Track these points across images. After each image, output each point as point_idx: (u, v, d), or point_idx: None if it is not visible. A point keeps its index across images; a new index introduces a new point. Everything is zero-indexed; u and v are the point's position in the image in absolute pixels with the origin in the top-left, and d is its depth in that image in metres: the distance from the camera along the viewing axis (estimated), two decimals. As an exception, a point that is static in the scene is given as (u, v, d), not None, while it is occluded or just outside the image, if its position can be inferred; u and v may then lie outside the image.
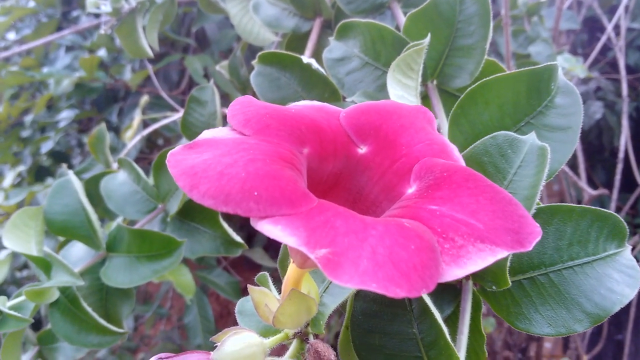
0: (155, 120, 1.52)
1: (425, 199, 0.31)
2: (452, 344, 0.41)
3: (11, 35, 2.50)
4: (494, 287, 0.47)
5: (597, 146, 2.06)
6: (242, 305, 0.46)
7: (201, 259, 1.94)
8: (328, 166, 0.35)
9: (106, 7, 0.91)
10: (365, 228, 0.27)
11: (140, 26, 0.94)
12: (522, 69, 0.51)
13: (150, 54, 0.97)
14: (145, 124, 1.61)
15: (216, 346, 0.38)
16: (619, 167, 1.65)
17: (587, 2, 1.86)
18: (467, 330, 0.46)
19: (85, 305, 0.68)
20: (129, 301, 0.75)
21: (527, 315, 0.47)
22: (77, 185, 0.74)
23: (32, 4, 2.25)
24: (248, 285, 0.39)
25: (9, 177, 1.90)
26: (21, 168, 1.96)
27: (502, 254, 0.29)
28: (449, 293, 0.49)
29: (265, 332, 0.43)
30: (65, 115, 1.86)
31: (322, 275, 0.43)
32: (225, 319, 2.61)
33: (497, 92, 0.51)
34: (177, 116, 1.24)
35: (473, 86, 0.51)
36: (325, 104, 0.38)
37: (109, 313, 0.76)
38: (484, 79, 0.51)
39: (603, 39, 1.70)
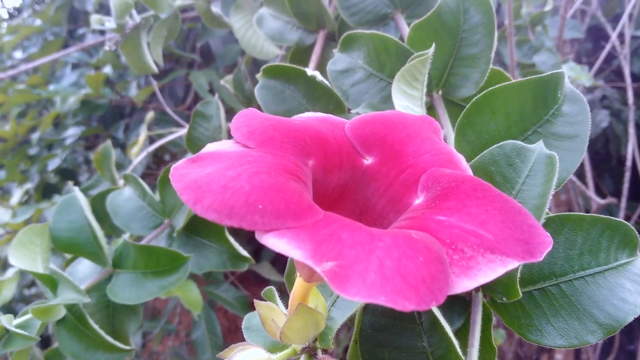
0: (161, 136, 1.52)
1: (433, 209, 0.30)
2: (463, 358, 0.40)
3: (18, 54, 2.52)
4: (504, 299, 0.46)
5: (604, 155, 2.05)
6: (249, 321, 0.45)
7: (208, 274, 1.93)
8: (333, 178, 0.34)
9: (110, 24, 0.92)
10: (372, 240, 0.26)
11: (145, 42, 0.94)
12: (528, 77, 0.50)
13: (155, 69, 0.97)
14: (151, 140, 1.61)
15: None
16: (627, 175, 1.64)
17: (591, 11, 1.86)
18: (478, 343, 0.45)
19: (92, 322, 0.68)
20: (135, 318, 0.75)
21: (539, 326, 0.46)
22: (83, 201, 0.74)
23: (38, 23, 2.27)
24: (255, 300, 0.39)
25: (17, 195, 1.91)
26: (28, 185, 1.97)
27: (512, 264, 0.28)
28: (458, 305, 0.49)
29: (273, 348, 0.43)
30: (72, 133, 1.87)
31: (329, 289, 0.42)
32: (234, 334, 2.60)
33: (504, 101, 0.51)
34: (183, 131, 1.24)
35: (479, 95, 0.51)
36: (330, 115, 0.38)
37: (115, 330, 0.75)
38: (490, 88, 0.50)
39: (607, 47, 1.70)
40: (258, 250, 2.38)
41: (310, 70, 0.62)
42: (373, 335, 0.45)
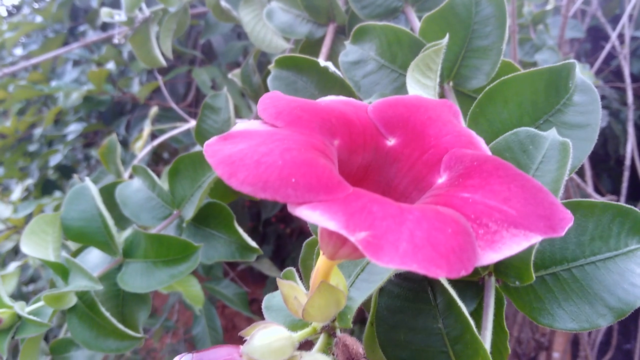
0: (162, 132, 1.53)
1: (456, 187, 0.31)
2: (479, 337, 0.41)
3: (18, 51, 2.52)
4: (517, 283, 0.47)
5: (602, 155, 2.06)
6: (269, 301, 0.46)
7: (209, 271, 1.94)
8: (357, 158, 0.35)
9: (120, 17, 0.92)
10: (402, 213, 0.27)
11: (154, 36, 0.95)
12: (540, 67, 0.51)
13: (164, 63, 0.97)
14: (152, 136, 1.62)
15: (245, 340, 0.38)
16: (626, 174, 1.66)
17: (591, 11, 1.87)
18: (491, 325, 0.46)
19: (103, 310, 0.69)
20: (145, 306, 0.75)
21: (550, 310, 0.47)
22: (94, 191, 0.75)
23: (39, 20, 2.28)
24: (277, 279, 0.39)
25: (17, 191, 1.91)
26: (29, 181, 1.97)
27: (535, 238, 0.29)
28: (471, 290, 0.50)
29: (293, 327, 0.43)
30: (74, 129, 1.87)
31: (348, 270, 0.43)
32: (231, 332, 2.61)
33: (516, 90, 0.52)
34: (187, 126, 1.25)
35: (492, 85, 0.52)
36: (352, 98, 0.39)
37: (125, 319, 0.76)
38: (503, 78, 0.51)
39: (607, 47, 1.71)
40: (261, 243, 2.39)
41: (323, 61, 0.63)
42: (389, 317, 0.45)
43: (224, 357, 0.38)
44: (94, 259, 0.78)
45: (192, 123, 1.22)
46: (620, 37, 1.87)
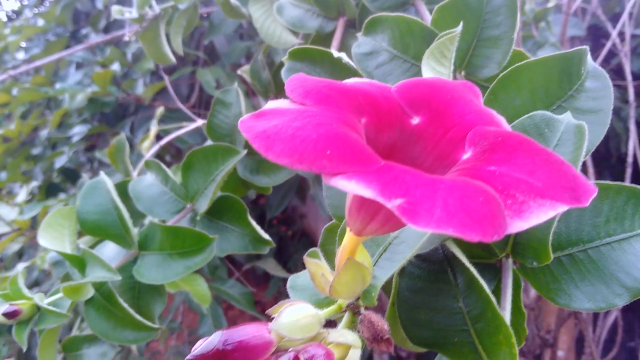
0: (167, 133, 1.54)
1: (482, 161, 0.32)
2: (501, 314, 0.42)
3: (20, 55, 2.53)
4: (534, 264, 0.48)
5: (604, 153, 2.07)
6: (293, 281, 0.47)
7: (214, 272, 1.95)
8: (384, 137, 0.36)
9: (131, 14, 0.93)
10: (434, 182, 0.28)
11: (163, 32, 0.96)
12: (553, 54, 0.52)
13: (173, 60, 0.98)
14: (157, 137, 1.62)
15: (272, 318, 0.39)
16: (628, 171, 1.67)
17: (591, 9, 1.89)
18: (510, 306, 0.47)
19: (121, 300, 0.70)
20: (161, 299, 0.76)
21: (567, 291, 0.48)
22: (109, 185, 0.76)
23: (41, 23, 2.29)
24: (304, 257, 0.40)
25: (23, 193, 1.92)
26: (34, 184, 1.98)
27: (562, 207, 0.30)
28: (489, 272, 0.50)
29: (318, 305, 0.44)
30: (78, 130, 1.88)
31: (371, 250, 0.44)
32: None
33: (529, 77, 0.53)
34: (194, 126, 1.26)
35: (505, 72, 0.53)
36: (374, 80, 0.40)
37: (141, 311, 0.76)
38: (516, 65, 0.52)
39: (608, 45, 1.72)
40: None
41: (337, 52, 0.64)
42: (410, 297, 0.46)
43: (252, 333, 0.38)
44: (109, 253, 0.79)
45: (199, 122, 1.23)
46: (621, 35, 1.88)
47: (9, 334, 2.04)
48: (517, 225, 0.29)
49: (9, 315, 0.65)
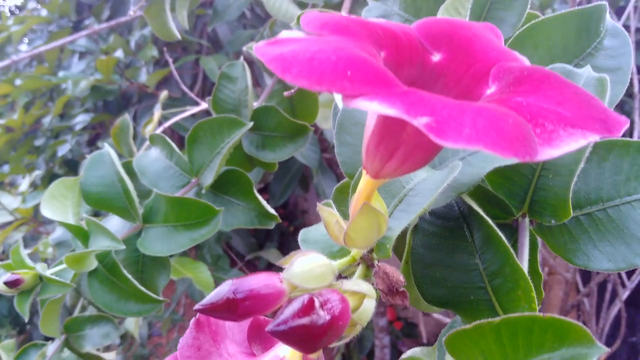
0: (168, 119, 1.52)
1: (508, 94, 0.31)
2: (520, 265, 0.40)
3: (23, 47, 2.52)
4: (553, 222, 0.46)
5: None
6: (305, 234, 0.46)
7: (216, 261, 1.94)
8: (403, 73, 0.35)
9: (137, -12, 0.92)
10: (461, 105, 0.27)
11: (168, 8, 0.94)
12: (571, 9, 0.51)
13: (178, 36, 0.97)
14: (160, 124, 1.61)
15: (284, 268, 0.38)
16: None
17: (596, 2, 1.87)
18: (527, 264, 0.45)
19: (125, 272, 0.68)
20: (165, 272, 0.75)
21: (585, 251, 0.47)
22: (114, 157, 0.74)
23: (44, 13, 2.28)
24: (319, 205, 0.39)
25: (25, 182, 1.91)
26: (37, 172, 1.96)
27: (593, 137, 0.29)
28: (505, 232, 0.49)
29: (330, 258, 0.43)
30: (81, 119, 1.87)
31: (386, 202, 0.42)
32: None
33: (546, 34, 0.51)
34: (199, 108, 1.25)
35: (521, 29, 0.51)
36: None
37: (145, 284, 0.75)
38: (533, 21, 0.51)
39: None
40: (264, 240, 2.39)
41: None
42: (424, 254, 0.45)
43: (263, 282, 0.37)
44: (113, 228, 0.78)
45: (204, 105, 1.22)
46: (626, 28, 1.86)
47: (10, 326, 2.03)
48: (548, 153, 0.28)
49: (10, 284, 0.64)
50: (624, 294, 1.66)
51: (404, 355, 0.47)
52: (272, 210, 0.77)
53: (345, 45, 0.30)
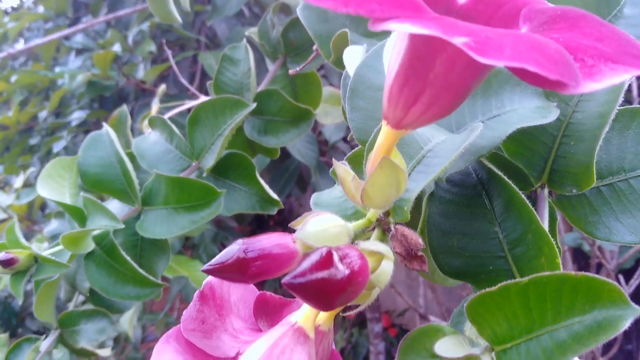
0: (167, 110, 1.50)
1: (543, 31, 0.29)
2: (546, 230, 0.38)
3: (19, 45, 2.50)
4: (574, 191, 0.44)
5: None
6: (317, 198, 0.43)
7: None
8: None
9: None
10: (498, 30, 0.25)
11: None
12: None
13: (179, 18, 0.95)
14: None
15: (295, 230, 0.36)
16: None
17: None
18: (547, 235, 0.43)
19: (123, 253, 0.66)
20: (164, 255, 0.72)
21: (607, 224, 0.45)
22: (114, 137, 0.72)
23: (41, 10, 2.26)
24: (334, 162, 0.37)
25: (20, 179, 1.88)
26: (32, 169, 1.94)
27: (635, 72, 0.27)
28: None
29: (345, 219, 0.41)
30: (77, 116, 1.85)
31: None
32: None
33: (565, 2, 0.49)
34: (198, 102, 1.23)
35: (539, -4, 0.50)
36: None
37: (144, 269, 0.72)
38: (551, -12, 0.49)
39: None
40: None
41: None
42: (441, 222, 0.43)
43: (276, 242, 0.35)
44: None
45: (203, 98, 1.20)
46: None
47: (1, 329, 1.99)
48: (589, 86, 0.26)
49: (4, 263, 0.61)
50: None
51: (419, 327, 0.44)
52: (274, 196, 0.75)
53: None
